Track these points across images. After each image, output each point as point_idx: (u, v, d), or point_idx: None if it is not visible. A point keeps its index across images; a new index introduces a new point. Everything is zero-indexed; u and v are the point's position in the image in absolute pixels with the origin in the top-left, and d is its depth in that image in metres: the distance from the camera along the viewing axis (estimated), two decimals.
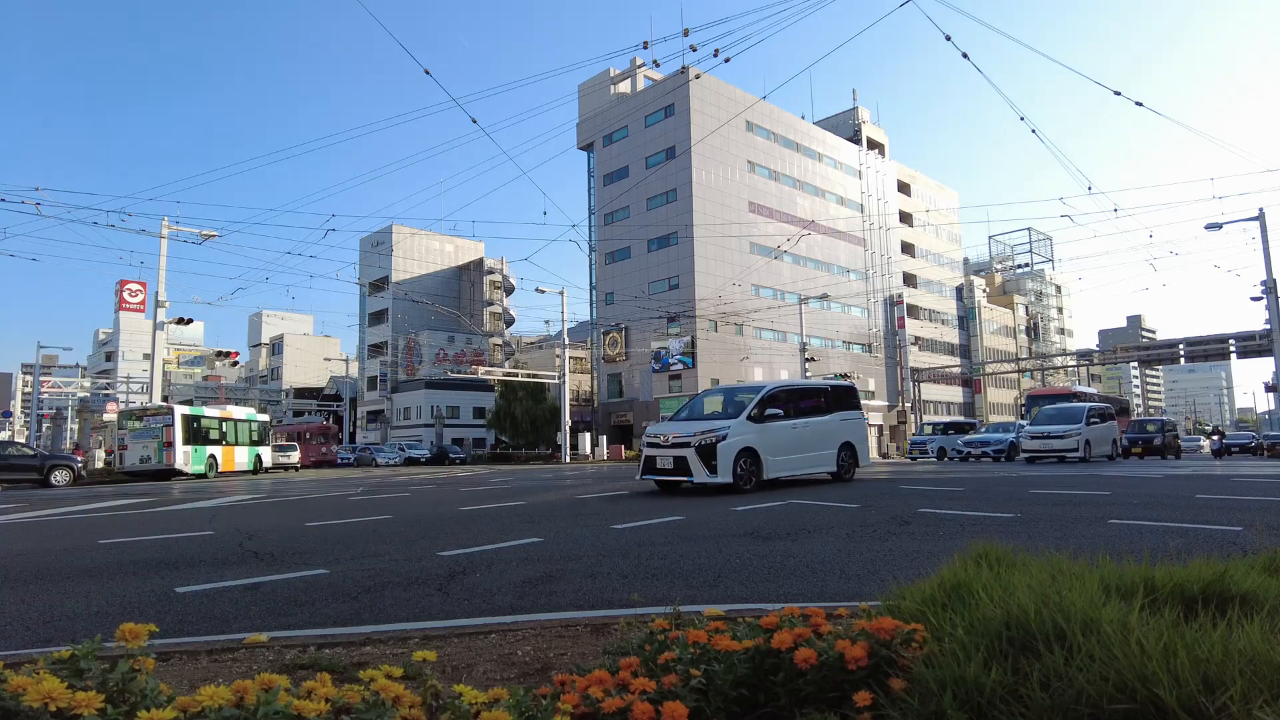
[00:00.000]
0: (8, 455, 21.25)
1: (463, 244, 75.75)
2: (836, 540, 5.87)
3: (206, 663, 2.83)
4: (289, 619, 3.67)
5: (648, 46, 16.36)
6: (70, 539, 7.21)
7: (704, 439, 10.75)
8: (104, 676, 1.50)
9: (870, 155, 67.53)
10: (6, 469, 20.73)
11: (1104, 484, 11.35)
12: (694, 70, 30.31)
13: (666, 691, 1.70)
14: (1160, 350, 56.54)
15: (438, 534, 6.90)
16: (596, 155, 60.64)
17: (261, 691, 1.46)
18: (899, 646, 1.87)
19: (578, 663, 2.60)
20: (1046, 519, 6.96)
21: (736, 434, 10.90)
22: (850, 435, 13.05)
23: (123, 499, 13.31)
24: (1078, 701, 1.58)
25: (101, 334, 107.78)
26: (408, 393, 66.44)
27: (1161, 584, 2.34)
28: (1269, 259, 30.21)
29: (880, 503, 8.96)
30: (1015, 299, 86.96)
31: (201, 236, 27.79)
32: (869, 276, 64.36)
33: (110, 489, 18.35)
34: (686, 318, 51.14)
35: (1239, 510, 7.40)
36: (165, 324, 28.74)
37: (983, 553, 2.89)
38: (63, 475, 21.21)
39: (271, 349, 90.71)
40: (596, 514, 8.42)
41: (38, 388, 47.66)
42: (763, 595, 3.96)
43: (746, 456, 10.87)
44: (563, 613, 3.62)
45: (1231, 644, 1.67)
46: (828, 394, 13.43)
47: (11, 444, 24.13)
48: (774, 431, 11.46)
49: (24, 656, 2.66)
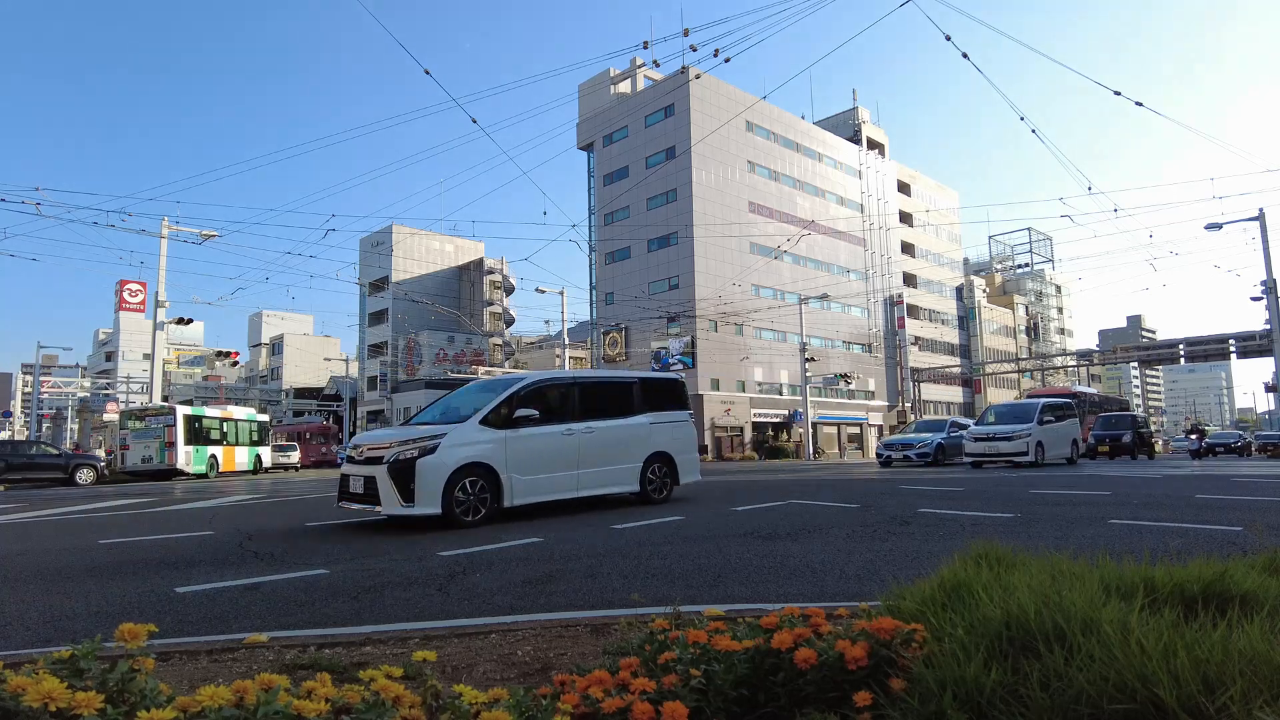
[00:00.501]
0: (34, 455, 21.58)
1: (463, 244, 75.75)
2: (836, 540, 5.87)
3: (206, 663, 2.83)
4: (289, 619, 3.67)
5: (648, 46, 16.41)
6: (70, 539, 7.21)
7: (402, 452, 7.75)
8: (104, 676, 1.50)
9: (870, 155, 67.54)
10: (33, 468, 21.02)
11: (1104, 484, 11.39)
12: (694, 70, 30.33)
13: (666, 691, 1.70)
14: (1160, 350, 56.60)
15: (438, 534, 6.90)
16: (596, 155, 60.66)
17: (261, 691, 1.46)
18: (899, 646, 1.87)
19: (578, 663, 2.60)
20: (1046, 519, 6.96)
21: (456, 444, 7.92)
22: (666, 443, 10.07)
23: (123, 499, 13.31)
24: (1078, 701, 1.58)
25: (101, 334, 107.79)
26: (408, 393, 66.37)
27: (1161, 584, 2.34)
28: (1269, 259, 30.23)
29: (880, 503, 8.96)
30: (1015, 299, 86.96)
31: (201, 236, 27.80)
32: (869, 276, 64.37)
33: (111, 489, 18.36)
34: (686, 318, 51.14)
35: (1239, 510, 7.40)
36: (165, 324, 28.75)
37: (983, 553, 2.90)
38: (87, 474, 21.39)
39: (271, 349, 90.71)
40: (596, 514, 8.42)
41: (38, 388, 47.66)
42: (763, 595, 3.96)
43: (474, 475, 7.89)
44: (563, 613, 3.62)
45: (1231, 644, 1.67)
46: (635, 390, 10.19)
47: (35, 443, 24.52)
48: (528, 440, 8.53)
49: (24, 656, 2.66)
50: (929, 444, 22.10)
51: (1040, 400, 20.96)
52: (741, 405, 53.23)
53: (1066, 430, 20.64)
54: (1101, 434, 27.05)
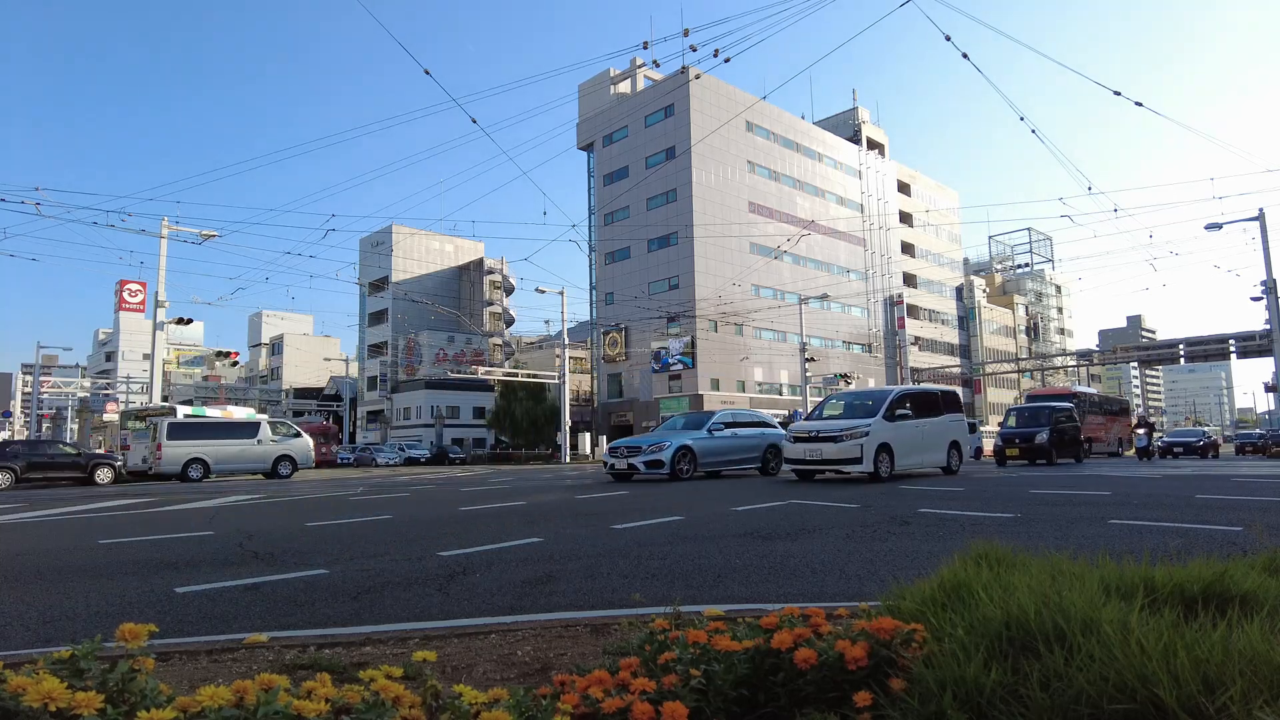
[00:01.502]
0: (53, 455, 21.90)
1: (463, 244, 75.78)
2: (836, 540, 5.87)
3: (206, 663, 2.83)
4: (289, 619, 3.67)
5: (648, 46, 16.41)
6: (70, 539, 7.21)
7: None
8: (104, 676, 1.50)
9: (870, 155, 67.57)
10: (53, 467, 21.32)
11: (1104, 484, 11.42)
12: (694, 70, 30.33)
13: (666, 692, 1.70)
14: (1160, 350, 56.54)
15: (438, 534, 6.90)
16: (596, 155, 60.67)
17: (261, 691, 1.46)
18: (899, 647, 1.87)
19: (578, 663, 2.60)
20: (1046, 519, 6.97)
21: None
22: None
23: (123, 499, 13.31)
24: (1078, 702, 1.58)
25: (101, 334, 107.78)
26: (408, 393, 66.45)
27: (1161, 584, 2.34)
28: (1269, 259, 30.24)
29: (880, 503, 8.96)
30: (1015, 299, 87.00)
31: (201, 236, 27.81)
32: (869, 276, 64.40)
33: (112, 489, 18.39)
34: (686, 318, 51.16)
35: (1239, 510, 7.40)
36: (165, 324, 28.77)
37: (983, 553, 2.90)
38: (105, 473, 21.65)
39: (271, 349, 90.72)
40: (596, 514, 8.41)
41: (37, 388, 47.66)
42: (763, 595, 3.96)
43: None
44: (563, 613, 3.62)
45: (1231, 644, 1.67)
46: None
47: (54, 443, 24.92)
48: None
49: (24, 656, 2.66)
50: (664, 449, 15.26)
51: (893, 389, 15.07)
52: (741, 405, 53.27)
53: (937, 430, 14.93)
54: (1011, 431, 22.04)
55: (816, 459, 13.38)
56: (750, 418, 18.67)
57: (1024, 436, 21.56)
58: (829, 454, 13.20)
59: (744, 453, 17.02)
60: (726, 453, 16.68)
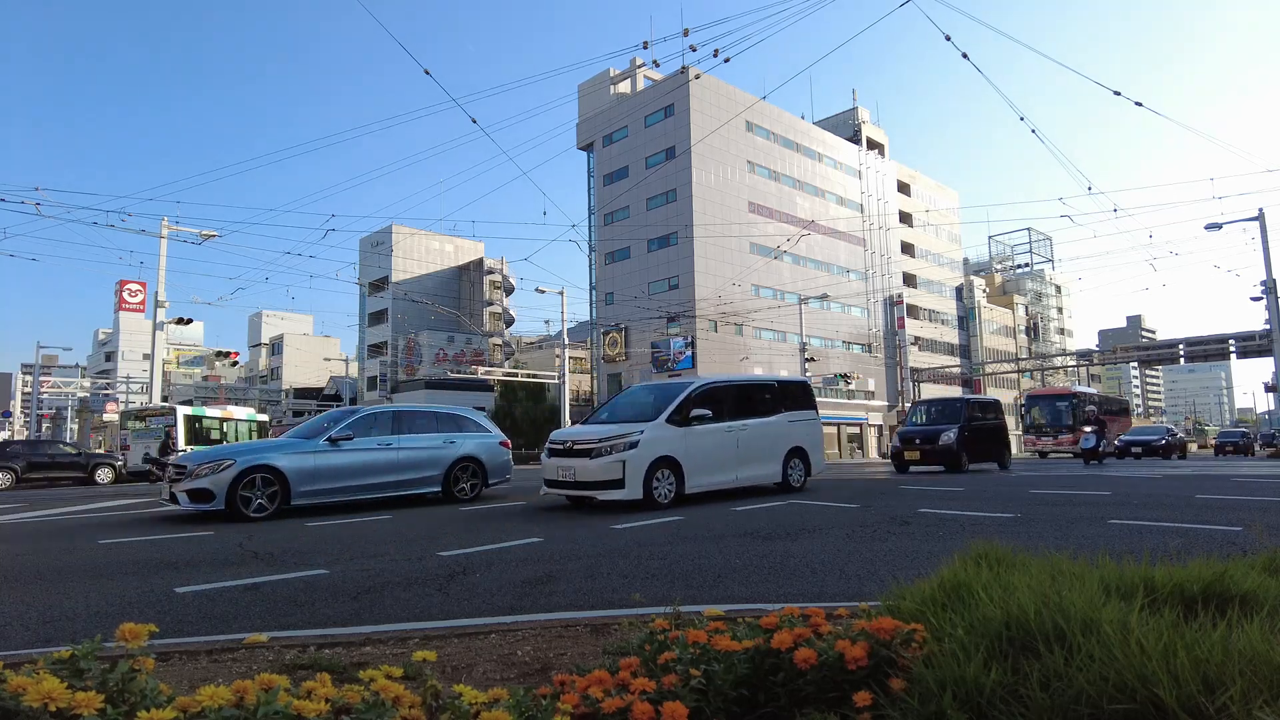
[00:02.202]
0: (54, 454, 22.05)
1: (462, 244, 75.75)
2: (836, 540, 5.87)
3: (206, 663, 2.83)
4: (289, 619, 3.67)
5: (648, 46, 16.40)
6: (70, 539, 7.21)
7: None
8: (104, 676, 1.50)
9: (870, 155, 67.55)
10: (54, 467, 21.47)
11: (1104, 484, 11.41)
12: (694, 70, 30.34)
13: (666, 691, 1.70)
14: (1160, 350, 56.52)
15: (438, 534, 6.90)
16: (596, 155, 60.66)
17: (261, 691, 1.46)
18: (899, 647, 1.87)
19: (578, 663, 2.60)
20: (1046, 519, 6.97)
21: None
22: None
23: (122, 499, 13.30)
24: (1077, 701, 1.58)
25: (101, 334, 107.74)
26: (408, 393, 66.35)
27: (1161, 584, 2.34)
28: (1269, 259, 30.22)
29: (880, 503, 8.96)
30: (1015, 299, 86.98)
31: (201, 236, 27.79)
32: (869, 276, 64.38)
33: (111, 489, 18.40)
34: (686, 318, 51.15)
35: (1239, 510, 7.40)
36: (165, 324, 28.75)
37: (983, 553, 2.90)
38: (106, 473, 21.82)
39: (271, 349, 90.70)
40: (596, 514, 8.42)
41: (37, 388, 47.64)
42: (763, 595, 3.96)
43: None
44: (563, 613, 3.62)
45: (1231, 644, 1.67)
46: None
47: (54, 443, 25.03)
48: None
49: (24, 656, 2.66)
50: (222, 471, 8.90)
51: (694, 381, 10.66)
52: None
53: (767, 434, 10.95)
54: (912, 430, 18.18)
55: (569, 480, 9.41)
56: None
57: (926, 436, 17.38)
58: (581, 474, 9.24)
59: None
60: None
